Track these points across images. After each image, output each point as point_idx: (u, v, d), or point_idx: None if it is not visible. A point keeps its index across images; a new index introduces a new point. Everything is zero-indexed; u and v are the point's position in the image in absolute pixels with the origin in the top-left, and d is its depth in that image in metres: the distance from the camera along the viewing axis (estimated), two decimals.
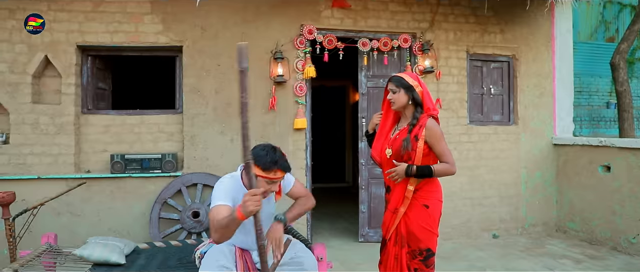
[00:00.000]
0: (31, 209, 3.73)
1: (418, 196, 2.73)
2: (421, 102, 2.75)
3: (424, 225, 2.72)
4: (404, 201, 2.74)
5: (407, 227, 2.74)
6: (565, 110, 5.88)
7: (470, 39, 5.49)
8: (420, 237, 2.71)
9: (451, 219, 5.45)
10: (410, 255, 2.76)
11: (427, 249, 2.73)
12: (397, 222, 2.77)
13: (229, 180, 2.60)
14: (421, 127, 2.69)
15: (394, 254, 2.80)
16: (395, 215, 2.78)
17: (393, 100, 2.77)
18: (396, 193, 2.78)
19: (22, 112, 4.57)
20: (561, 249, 5.17)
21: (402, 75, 2.80)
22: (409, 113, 2.80)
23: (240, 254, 2.67)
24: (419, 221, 2.72)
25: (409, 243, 2.75)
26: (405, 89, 2.75)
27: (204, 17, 4.78)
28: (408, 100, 2.75)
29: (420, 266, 2.74)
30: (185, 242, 3.81)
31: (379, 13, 5.20)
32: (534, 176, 5.75)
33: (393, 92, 2.77)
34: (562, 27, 5.83)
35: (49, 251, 3.33)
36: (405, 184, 2.74)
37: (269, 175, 2.44)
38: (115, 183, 4.71)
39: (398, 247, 2.79)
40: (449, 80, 5.42)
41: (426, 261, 2.74)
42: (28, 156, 4.61)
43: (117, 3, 4.66)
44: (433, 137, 2.68)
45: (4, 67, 4.52)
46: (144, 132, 4.82)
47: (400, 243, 2.78)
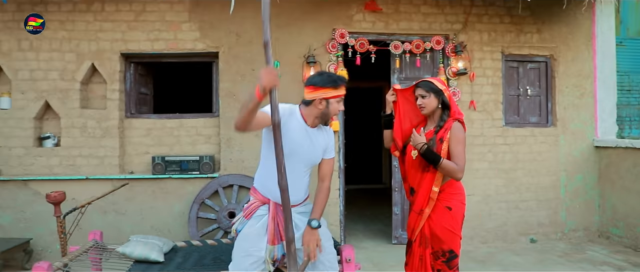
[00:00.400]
0: (80, 207, 3.98)
1: (441, 198, 2.77)
2: (449, 106, 2.79)
3: (446, 226, 2.75)
4: (428, 202, 2.79)
5: (430, 229, 2.79)
6: (608, 111, 5.68)
7: (506, 39, 5.40)
8: (443, 239, 2.75)
9: (486, 222, 5.38)
10: (434, 256, 2.80)
11: (449, 251, 2.76)
12: (422, 223, 2.81)
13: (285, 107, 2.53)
14: (446, 130, 2.75)
15: (419, 255, 2.85)
16: (420, 216, 2.82)
17: (423, 104, 2.82)
18: (421, 194, 2.82)
19: (72, 116, 4.88)
20: (602, 255, 5.01)
21: (431, 79, 2.84)
22: (437, 116, 2.84)
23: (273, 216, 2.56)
24: (442, 222, 2.76)
25: (432, 244, 2.80)
26: (435, 94, 2.79)
27: (238, 23, 4.95)
28: (438, 104, 2.80)
29: (443, 267, 2.78)
30: (221, 241, 3.96)
31: (410, 15, 5.21)
32: (574, 179, 5.59)
33: (422, 96, 2.81)
34: (603, 25, 5.63)
35: (95, 248, 3.55)
36: (430, 186, 2.79)
37: (339, 92, 2.52)
38: (157, 184, 4.95)
39: (422, 248, 2.83)
40: (483, 81, 5.35)
41: (449, 262, 2.77)
42: (77, 157, 4.91)
43: (157, 12, 4.90)
44: (454, 138, 2.74)
45: (56, 74, 4.85)
46: (183, 135, 5.04)
47: (424, 244, 2.82)
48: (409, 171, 2.90)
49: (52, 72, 4.86)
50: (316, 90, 2.50)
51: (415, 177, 2.88)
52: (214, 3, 4.90)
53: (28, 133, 4.88)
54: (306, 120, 2.57)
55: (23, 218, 4.88)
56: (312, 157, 2.65)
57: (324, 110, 2.53)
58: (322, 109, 2.53)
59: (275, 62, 5.00)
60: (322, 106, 2.52)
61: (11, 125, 4.86)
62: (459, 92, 5.26)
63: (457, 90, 5.26)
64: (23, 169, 4.89)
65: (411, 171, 2.88)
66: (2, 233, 4.85)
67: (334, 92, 2.49)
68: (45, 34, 4.83)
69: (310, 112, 2.56)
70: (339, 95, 2.52)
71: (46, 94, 4.86)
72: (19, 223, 4.88)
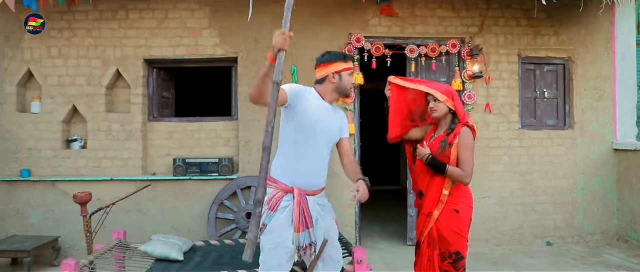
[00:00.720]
0: (105, 207, 4.17)
1: (449, 201, 2.86)
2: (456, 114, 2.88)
3: (453, 229, 2.84)
4: (438, 205, 2.87)
5: (438, 230, 2.87)
6: (628, 113, 5.62)
7: (522, 42, 5.40)
8: (450, 240, 2.83)
9: (502, 224, 5.40)
10: (441, 257, 2.89)
11: (456, 252, 2.83)
12: (431, 225, 2.89)
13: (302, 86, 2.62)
14: (455, 135, 2.83)
15: (427, 256, 2.93)
16: (429, 218, 2.91)
17: (435, 108, 2.89)
18: (430, 197, 2.91)
19: (97, 120, 5.10)
20: (619, 259, 4.98)
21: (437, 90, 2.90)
22: (447, 121, 2.93)
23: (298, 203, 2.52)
24: (449, 224, 2.84)
25: (440, 246, 2.88)
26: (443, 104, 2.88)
27: (256, 29, 5.08)
28: (448, 110, 2.88)
29: (449, 268, 2.86)
30: (238, 241, 4.09)
31: (426, 19, 5.26)
32: (592, 183, 5.55)
33: (434, 101, 2.90)
34: (623, 26, 5.58)
35: (118, 246, 3.73)
36: (440, 189, 2.87)
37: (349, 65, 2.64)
38: (177, 185, 5.12)
39: (430, 249, 2.91)
40: (499, 84, 5.36)
41: (455, 263, 2.85)
42: (102, 159, 5.13)
43: (178, 19, 5.07)
44: (462, 143, 2.83)
45: (82, 80, 5.07)
46: (202, 138, 5.20)
47: (432, 245, 2.90)
48: (419, 175, 2.98)
49: (79, 77, 5.08)
50: (327, 65, 2.61)
51: (424, 180, 2.96)
52: (233, 10, 5.05)
53: (56, 136, 5.12)
54: (323, 98, 2.63)
55: (51, 217, 5.11)
56: (332, 133, 2.70)
57: (338, 83, 2.61)
58: (335, 82, 2.60)
59: (292, 67, 5.12)
60: (335, 80, 2.60)
61: (41, 128, 5.10)
62: (474, 95, 5.29)
63: (472, 93, 5.29)
64: (52, 170, 5.12)
65: (421, 175, 2.97)
66: (32, 231, 5.09)
67: (344, 65, 2.61)
68: (73, 41, 5.06)
69: (326, 89, 2.62)
70: (349, 68, 2.64)
71: (74, 98, 5.09)
72: (47, 222, 5.11)
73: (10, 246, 4.56)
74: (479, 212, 5.36)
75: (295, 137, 2.52)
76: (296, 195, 2.51)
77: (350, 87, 2.67)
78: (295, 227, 2.49)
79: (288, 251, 2.52)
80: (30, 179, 5.06)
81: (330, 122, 2.64)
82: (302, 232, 2.50)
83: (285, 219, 2.52)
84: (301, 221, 2.50)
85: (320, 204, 2.66)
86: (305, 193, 2.54)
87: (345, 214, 5.17)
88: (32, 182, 5.08)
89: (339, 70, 2.59)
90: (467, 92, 5.28)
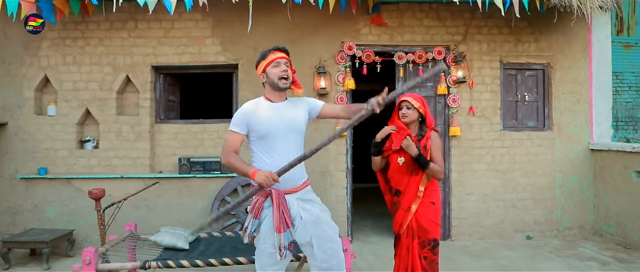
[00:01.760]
0: (117, 202, 4.58)
1: (425, 195, 3.31)
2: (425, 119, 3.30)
3: (431, 219, 3.29)
4: (415, 200, 3.30)
5: (417, 222, 3.30)
6: (603, 116, 5.99)
7: (504, 49, 5.78)
8: (428, 229, 3.27)
9: (484, 220, 5.79)
10: (420, 245, 3.31)
11: (433, 239, 3.28)
12: (410, 218, 3.30)
13: (249, 103, 2.74)
14: (428, 139, 3.27)
15: (406, 245, 3.33)
16: (408, 212, 3.31)
17: (407, 114, 3.30)
18: (408, 194, 3.32)
19: (109, 122, 5.51)
20: (592, 251, 5.36)
21: (411, 97, 3.30)
22: (416, 126, 3.34)
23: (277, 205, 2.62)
24: (428, 215, 3.28)
25: (419, 235, 3.30)
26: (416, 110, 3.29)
27: (256, 38, 5.47)
28: (418, 117, 3.30)
29: (428, 254, 3.29)
30: (238, 233, 4.50)
31: (413, 28, 5.65)
32: (569, 180, 5.93)
33: (408, 108, 3.30)
34: (599, 34, 5.95)
35: (130, 237, 4.15)
36: (417, 186, 3.31)
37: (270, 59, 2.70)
38: (183, 182, 5.53)
39: (410, 239, 3.32)
40: (482, 89, 5.75)
41: (433, 249, 3.30)
42: (113, 158, 5.54)
43: (183, 29, 5.48)
44: (434, 146, 3.30)
45: (95, 85, 5.48)
46: (206, 139, 5.61)
47: (411, 235, 3.31)
48: (394, 175, 3.38)
49: (92, 83, 5.49)
50: (257, 69, 2.76)
51: (401, 180, 3.36)
52: (234, 20, 5.44)
53: (71, 137, 5.53)
54: (271, 100, 2.74)
55: (66, 212, 5.53)
56: (294, 125, 2.73)
57: (268, 80, 2.71)
58: (266, 80, 2.73)
59: None
60: (264, 79, 2.73)
61: (57, 130, 5.51)
62: (458, 98, 5.68)
63: (457, 97, 5.68)
64: (67, 168, 5.54)
65: (396, 175, 3.36)
66: (49, 225, 5.51)
67: (265, 62, 2.70)
68: (86, 50, 5.47)
69: (267, 90, 2.77)
70: (271, 62, 2.68)
71: (87, 102, 5.50)
72: (62, 216, 5.53)
73: (30, 238, 4.96)
74: (463, 208, 5.78)
75: (260, 145, 2.68)
76: (274, 197, 2.61)
77: (277, 78, 2.67)
78: (276, 228, 2.58)
79: (270, 255, 2.62)
80: (47, 177, 5.47)
81: (287, 116, 2.71)
82: (283, 233, 2.59)
83: (268, 225, 2.63)
84: (282, 222, 2.59)
85: (303, 200, 2.73)
86: (285, 193, 2.66)
87: (338, 208, 5.57)
88: (48, 180, 5.50)
89: (263, 68, 2.71)
90: (451, 96, 5.67)
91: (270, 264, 2.66)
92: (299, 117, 2.77)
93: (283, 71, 2.69)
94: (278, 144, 2.67)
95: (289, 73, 2.72)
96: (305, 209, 2.71)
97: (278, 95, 2.76)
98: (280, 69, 2.69)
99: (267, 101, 2.75)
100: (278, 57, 2.71)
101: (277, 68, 2.69)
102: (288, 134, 2.71)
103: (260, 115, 2.66)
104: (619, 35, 7.39)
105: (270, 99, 2.75)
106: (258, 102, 2.75)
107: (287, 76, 2.71)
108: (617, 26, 7.42)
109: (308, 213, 2.70)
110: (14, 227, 5.51)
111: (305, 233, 2.65)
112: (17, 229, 5.48)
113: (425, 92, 5.70)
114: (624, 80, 7.45)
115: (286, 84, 2.70)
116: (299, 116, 2.78)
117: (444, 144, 5.71)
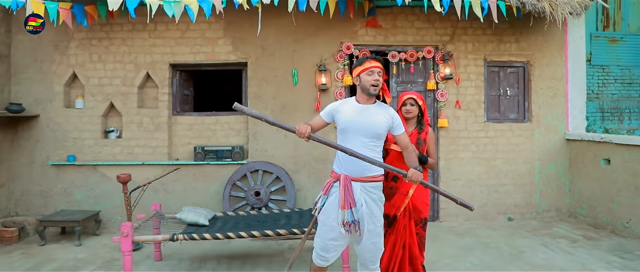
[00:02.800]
0: (142, 186, 5.20)
1: None
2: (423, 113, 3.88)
3: (425, 201, 3.85)
4: (412, 185, 3.82)
5: (413, 204, 3.82)
6: (578, 109, 6.60)
7: (487, 48, 6.37)
8: (422, 210, 3.84)
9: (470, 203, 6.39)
10: (414, 223, 3.86)
11: (425, 218, 3.87)
12: (407, 201, 3.86)
13: (339, 101, 3.24)
14: (426, 133, 3.85)
15: (403, 225, 3.85)
16: (405, 196, 3.79)
17: (410, 110, 3.83)
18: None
19: (131, 114, 6.11)
20: (565, 231, 5.98)
21: (415, 95, 3.85)
22: (415, 122, 3.90)
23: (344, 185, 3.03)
24: (422, 198, 3.84)
25: (413, 216, 3.84)
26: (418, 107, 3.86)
27: (263, 39, 6.06)
28: (418, 112, 3.87)
29: (420, 230, 3.88)
30: (250, 212, 5.12)
31: (405, 30, 6.23)
32: (547, 167, 6.55)
33: (412, 104, 3.85)
34: (575, 35, 6.54)
35: (156, 216, 4.76)
36: None
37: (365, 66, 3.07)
38: (197, 169, 6.15)
39: (406, 219, 3.83)
40: (468, 84, 6.35)
41: (424, 226, 3.89)
42: (135, 147, 6.15)
43: (198, 31, 6.06)
44: (431, 140, 3.87)
45: (118, 81, 6.08)
46: (218, 129, 6.22)
47: (408, 216, 3.83)
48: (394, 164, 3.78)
49: (116, 79, 6.09)
50: (353, 72, 3.18)
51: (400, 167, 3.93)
52: (244, 23, 6.03)
53: (97, 127, 6.14)
54: (359, 101, 3.14)
55: (92, 195, 6.15)
56: (370, 128, 3.07)
57: (361, 84, 3.09)
58: (358, 84, 3.11)
59: (293, 70, 6.11)
60: (358, 82, 3.11)
61: (84, 121, 6.12)
62: (446, 93, 6.28)
63: (445, 91, 6.28)
64: (93, 156, 6.15)
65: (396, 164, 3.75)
66: (77, 206, 6.13)
67: (360, 68, 3.09)
68: (110, 49, 6.07)
69: (358, 92, 3.15)
70: (365, 69, 3.05)
71: (111, 96, 6.11)
72: (89, 199, 6.15)
73: (63, 218, 5.58)
74: (450, 192, 6.38)
75: (340, 136, 3.14)
76: (342, 180, 3.04)
77: (369, 85, 3.03)
78: (341, 205, 3.00)
79: (332, 229, 3.04)
80: (75, 164, 6.08)
81: (365, 119, 3.06)
82: (346, 210, 2.98)
83: (334, 201, 3.07)
84: (346, 200, 2.99)
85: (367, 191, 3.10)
86: (352, 179, 3.07)
87: None
88: (76, 166, 6.11)
89: (358, 73, 3.10)
90: (440, 91, 6.27)
91: (330, 238, 3.08)
92: (379, 121, 3.09)
93: (375, 80, 3.04)
94: (351, 139, 3.07)
95: (380, 81, 3.07)
96: (366, 201, 3.09)
97: (366, 99, 3.13)
98: (373, 77, 3.04)
99: (356, 102, 3.15)
100: (373, 65, 3.07)
101: (371, 76, 3.05)
102: (363, 133, 3.07)
103: (342, 113, 3.11)
104: (605, 30, 7.91)
105: (359, 100, 3.15)
106: (347, 101, 3.20)
107: (378, 84, 3.06)
108: (604, 21, 7.94)
109: (367, 206, 3.08)
110: (45, 209, 6.12)
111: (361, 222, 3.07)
112: (48, 210, 6.10)
113: (416, 88, 6.31)
114: (609, 73, 7.95)
115: (376, 90, 3.07)
116: (380, 121, 3.09)
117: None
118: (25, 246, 5.41)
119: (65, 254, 5.13)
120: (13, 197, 6.12)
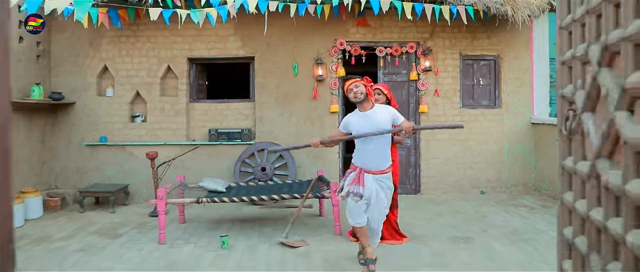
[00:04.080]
0: (168, 162, 6.20)
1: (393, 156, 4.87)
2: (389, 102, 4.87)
3: (396, 172, 4.84)
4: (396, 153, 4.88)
5: None
6: (542, 97, 7.58)
7: (463, 44, 7.33)
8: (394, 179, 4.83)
9: (447, 178, 7.42)
10: None
11: (395, 185, 4.85)
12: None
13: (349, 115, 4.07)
14: None
15: None
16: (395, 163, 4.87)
17: (377, 99, 4.85)
18: None
19: (154, 102, 7.09)
20: (528, 201, 6.99)
21: (380, 86, 4.86)
22: None
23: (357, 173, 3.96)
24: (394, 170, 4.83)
25: None
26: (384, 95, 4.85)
27: (268, 36, 7.01)
28: (385, 100, 4.86)
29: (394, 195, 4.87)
30: (258, 183, 6.12)
31: (391, 28, 7.19)
32: (515, 148, 7.54)
33: (378, 94, 4.86)
34: (538, 32, 7.49)
35: (181, 185, 5.78)
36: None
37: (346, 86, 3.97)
38: (212, 148, 7.14)
39: None
40: (445, 75, 7.32)
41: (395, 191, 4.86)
42: (157, 130, 7.14)
43: (212, 29, 7.02)
44: None
45: (144, 73, 7.05)
46: (229, 115, 7.20)
47: None
48: None
49: (141, 71, 7.07)
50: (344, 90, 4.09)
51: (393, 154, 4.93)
52: (252, 22, 6.98)
53: (125, 113, 7.13)
54: (361, 110, 3.99)
55: (121, 171, 7.15)
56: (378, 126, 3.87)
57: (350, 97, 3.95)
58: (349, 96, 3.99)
59: (294, 63, 7.08)
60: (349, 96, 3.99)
61: (114, 107, 7.11)
62: (426, 83, 7.26)
63: (425, 81, 7.25)
64: (121, 137, 7.14)
65: None
66: (108, 180, 7.13)
67: (344, 87, 4.02)
68: (136, 45, 7.04)
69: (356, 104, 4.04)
70: (346, 88, 3.96)
71: (137, 86, 7.08)
72: (118, 174, 7.15)
73: (99, 189, 6.59)
74: (430, 169, 7.40)
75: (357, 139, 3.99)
76: (358, 170, 4.00)
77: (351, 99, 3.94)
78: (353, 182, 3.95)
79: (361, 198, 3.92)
80: (106, 144, 7.08)
81: (373, 120, 3.89)
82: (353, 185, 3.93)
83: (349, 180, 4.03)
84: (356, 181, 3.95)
85: (378, 180, 4.00)
86: (366, 172, 3.95)
87: (331, 169, 7.20)
88: (108, 146, 7.11)
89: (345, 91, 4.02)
90: (421, 81, 7.24)
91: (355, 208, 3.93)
92: (382, 119, 3.92)
93: (353, 94, 3.93)
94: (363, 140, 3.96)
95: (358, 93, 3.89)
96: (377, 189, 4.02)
97: (362, 107, 3.99)
98: (352, 93, 3.95)
99: (359, 111, 4.03)
100: (349, 84, 3.97)
101: (350, 93, 3.96)
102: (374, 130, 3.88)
103: (352, 122, 4.00)
104: None
105: (360, 110, 4.01)
106: (353, 113, 4.05)
107: (356, 96, 3.91)
108: None
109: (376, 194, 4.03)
110: (81, 183, 7.13)
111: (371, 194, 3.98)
112: (83, 184, 7.10)
113: (401, 78, 7.29)
114: None
115: (358, 101, 3.94)
116: (383, 119, 3.93)
117: (415, 119, 7.31)
118: (68, 213, 6.43)
119: (102, 219, 6.14)
120: (54, 172, 7.12)
